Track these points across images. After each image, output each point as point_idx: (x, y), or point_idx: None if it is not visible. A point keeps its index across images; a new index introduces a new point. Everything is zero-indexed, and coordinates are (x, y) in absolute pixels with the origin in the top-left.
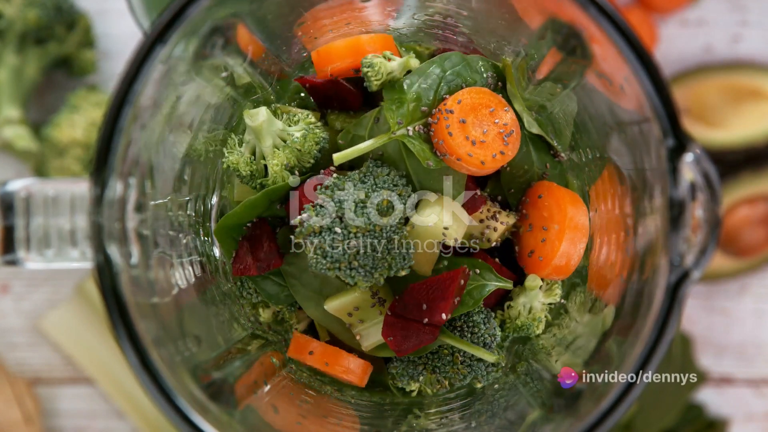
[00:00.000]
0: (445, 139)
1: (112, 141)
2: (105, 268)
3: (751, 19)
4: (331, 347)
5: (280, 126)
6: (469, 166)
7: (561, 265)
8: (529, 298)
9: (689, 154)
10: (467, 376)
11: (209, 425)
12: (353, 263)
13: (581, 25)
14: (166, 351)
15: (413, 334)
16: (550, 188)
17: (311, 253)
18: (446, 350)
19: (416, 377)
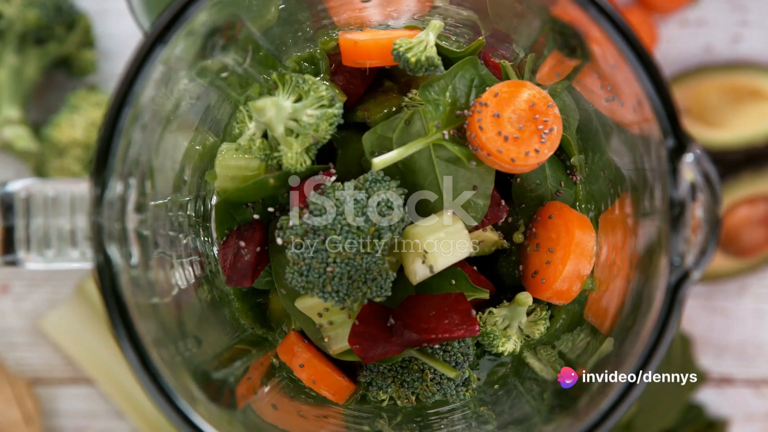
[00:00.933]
0: (477, 132)
1: (112, 141)
2: (105, 268)
3: (751, 19)
4: (321, 366)
5: (289, 109)
6: (500, 162)
7: (562, 289)
8: (512, 313)
9: (689, 154)
10: (435, 394)
11: (209, 425)
12: (327, 287)
13: (581, 25)
14: (166, 351)
15: (380, 343)
16: (562, 210)
17: (289, 267)
18: (416, 365)
19: (385, 389)
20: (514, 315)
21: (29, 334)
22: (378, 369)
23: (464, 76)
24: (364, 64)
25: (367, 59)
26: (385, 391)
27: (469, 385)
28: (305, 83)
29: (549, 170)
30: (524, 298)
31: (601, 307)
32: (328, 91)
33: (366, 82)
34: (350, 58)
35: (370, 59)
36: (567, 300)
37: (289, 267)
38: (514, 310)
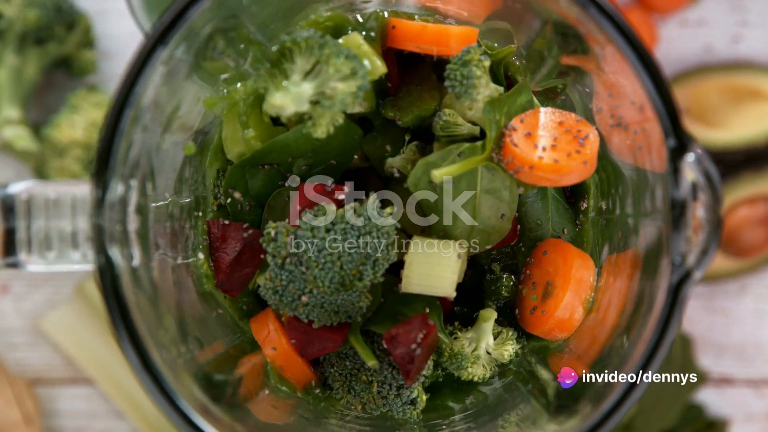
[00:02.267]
0: (513, 152)
1: (113, 143)
2: (106, 270)
3: (751, 19)
4: (293, 354)
5: (309, 92)
6: (544, 173)
7: (564, 318)
8: (477, 335)
9: (690, 154)
10: (380, 407)
11: (211, 426)
12: (299, 310)
13: (582, 25)
14: (167, 352)
15: (316, 339)
16: (557, 244)
17: (265, 280)
18: (365, 376)
19: (336, 390)
20: (480, 336)
21: (29, 335)
22: (330, 370)
23: (518, 100)
24: (414, 47)
25: (425, 44)
26: (337, 390)
27: (417, 405)
28: (322, 49)
29: (553, 212)
30: (487, 314)
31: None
32: (349, 60)
33: (402, 74)
34: (407, 40)
35: (427, 44)
36: (568, 332)
37: (265, 280)
38: (479, 330)
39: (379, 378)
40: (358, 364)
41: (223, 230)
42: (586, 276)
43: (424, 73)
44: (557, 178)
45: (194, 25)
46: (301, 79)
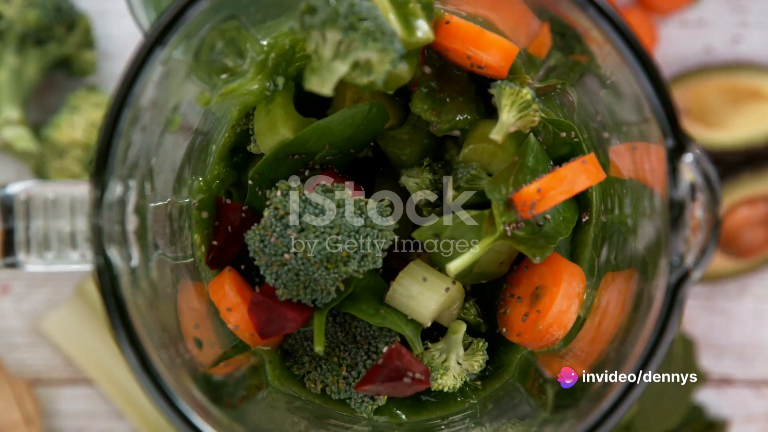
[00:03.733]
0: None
1: (112, 143)
2: (105, 270)
3: (751, 19)
4: (247, 319)
5: (343, 70)
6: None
7: (561, 311)
8: (448, 346)
9: (689, 154)
10: (341, 393)
11: (210, 427)
12: (272, 268)
13: (580, 25)
14: (166, 353)
15: (276, 318)
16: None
17: (256, 225)
18: (336, 357)
19: (300, 362)
20: (451, 347)
21: (29, 335)
22: (302, 343)
23: (525, 165)
24: (462, 50)
25: (478, 49)
26: (300, 365)
27: (376, 401)
28: (354, 9)
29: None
30: (457, 326)
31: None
32: (378, 22)
33: (439, 79)
34: (459, 41)
35: (480, 49)
36: (566, 327)
37: (257, 227)
38: (449, 341)
39: (350, 363)
40: (334, 344)
41: (224, 208)
42: (576, 272)
43: (463, 84)
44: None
45: (193, 25)
46: (332, 58)
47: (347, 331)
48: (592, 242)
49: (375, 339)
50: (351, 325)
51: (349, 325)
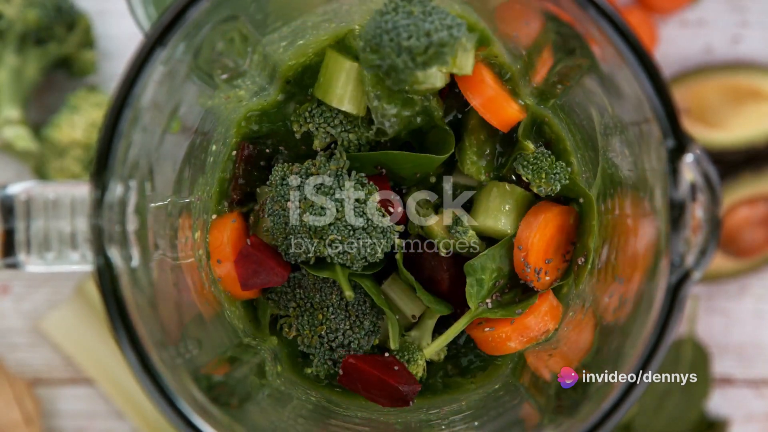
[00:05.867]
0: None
1: (112, 143)
2: (105, 270)
3: (751, 19)
4: (234, 278)
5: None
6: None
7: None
8: (420, 333)
9: (689, 154)
10: (310, 348)
11: (210, 427)
12: (279, 203)
13: (581, 25)
14: (166, 353)
15: (263, 271)
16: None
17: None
18: (321, 314)
19: (284, 307)
20: (422, 335)
21: (29, 335)
22: (293, 290)
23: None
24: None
25: (484, 109)
26: (284, 307)
27: (336, 366)
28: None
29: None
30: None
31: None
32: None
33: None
34: (473, 90)
35: (488, 112)
36: (518, 345)
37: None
38: (422, 328)
39: (331, 327)
40: (326, 303)
41: (248, 150)
42: (555, 312)
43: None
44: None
45: (193, 25)
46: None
47: (342, 297)
48: (588, 273)
49: (364, 316)
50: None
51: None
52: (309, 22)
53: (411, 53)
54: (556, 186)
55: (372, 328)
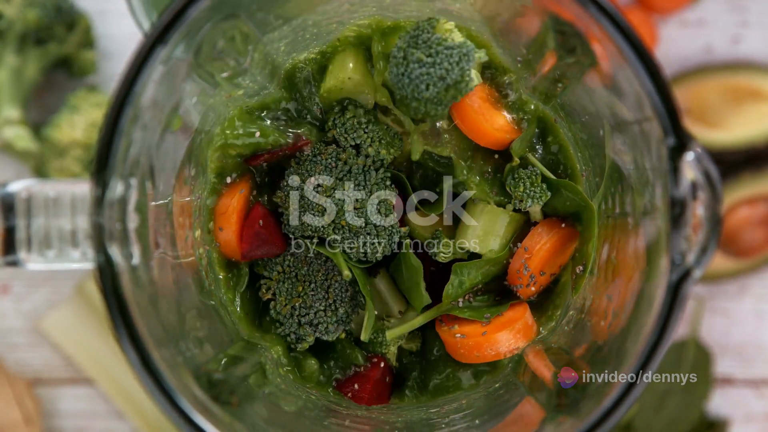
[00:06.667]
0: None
1: (113, 142)
2: (106, 268)
3: (751, 19)
4: (234, 246)
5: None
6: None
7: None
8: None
9: (690, 153)
10: (279, 315)
11: (211, 426)
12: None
13: (582, 24)
14: (167, 351)
15: (266, 245)
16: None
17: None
18: (302, 286)
19: (268, 270)
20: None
21: (29, 335)
22: (289, 256)
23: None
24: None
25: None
26: (270, 270)
27: (305, 341)
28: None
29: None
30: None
31: (601, 307)
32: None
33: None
34: (468, 122)
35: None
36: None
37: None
38: (403, 320)
39: (307, 302)
40: (310, 278)
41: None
42: (530, 331)
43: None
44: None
45: (193, 24)
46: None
47: (327, 278)
48: (583, 286)
49: (341, 303)
50: (332, 278)
51: (332, 275)
52: (309, 21)
53: (434, 101)
54: (527, 204)
55: (344, 318)
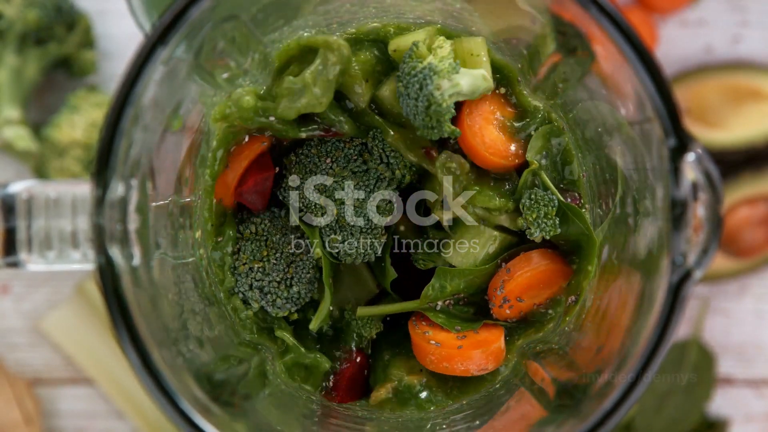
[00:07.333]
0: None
1: (114, 142)
2: (107, 269)
3: (751, 19)
4: (230, 186)
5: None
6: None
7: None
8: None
9: (691, 153)
10: (236, 275)
11: (211, 426)
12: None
13: (582, 24)
14: (168, 352)
15: (258, 194)
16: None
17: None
18: (267, 251)
19: (242, 225)
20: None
21: (29, 335)
22: (255, 219)
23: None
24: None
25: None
26: (245, 226)
27: (249, 306)
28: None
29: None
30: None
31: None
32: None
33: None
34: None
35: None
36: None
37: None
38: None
39: (265, 268)
40: (278, 247)
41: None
42: (497, 358)
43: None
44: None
45: (194, 25)
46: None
47: (294, 255)
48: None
49: (299, 283)
50: (299, 255)
51: (300, 253)
52: (310, 21)
53: (428, 126)
54: (534, 233)
55: (296, 298)
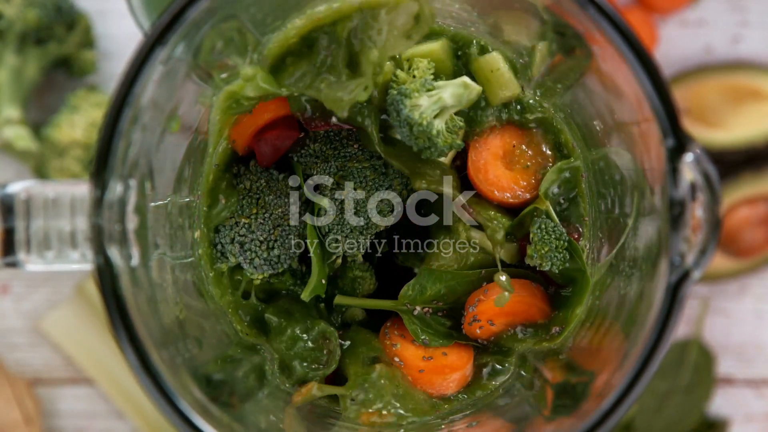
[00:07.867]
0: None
1: (112, 143)
2: (105, 270)
3: (751, 19)
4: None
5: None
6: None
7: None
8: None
9: (689, 154)
10: (223, 228)
11: (210, 427)
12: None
13: (581, 25)
14: (166, 352)
15: (269, 145)
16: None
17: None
18: (256, 210)
19: (241, 177)
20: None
21: (29, 335)
22: (256, 174)
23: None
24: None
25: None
26: (246, 178)
27: (222, 279)
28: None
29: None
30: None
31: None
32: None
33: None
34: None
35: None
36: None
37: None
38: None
39: (252, 226)
40: (270, 207)
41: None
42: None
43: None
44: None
45: (193, 25)
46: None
47: (282, 219)
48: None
49: (280, 245)
50: (286, 221)
51: (288, 219)
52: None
53: (428, 152)
54: (545, 266)
55: (274, 262)
